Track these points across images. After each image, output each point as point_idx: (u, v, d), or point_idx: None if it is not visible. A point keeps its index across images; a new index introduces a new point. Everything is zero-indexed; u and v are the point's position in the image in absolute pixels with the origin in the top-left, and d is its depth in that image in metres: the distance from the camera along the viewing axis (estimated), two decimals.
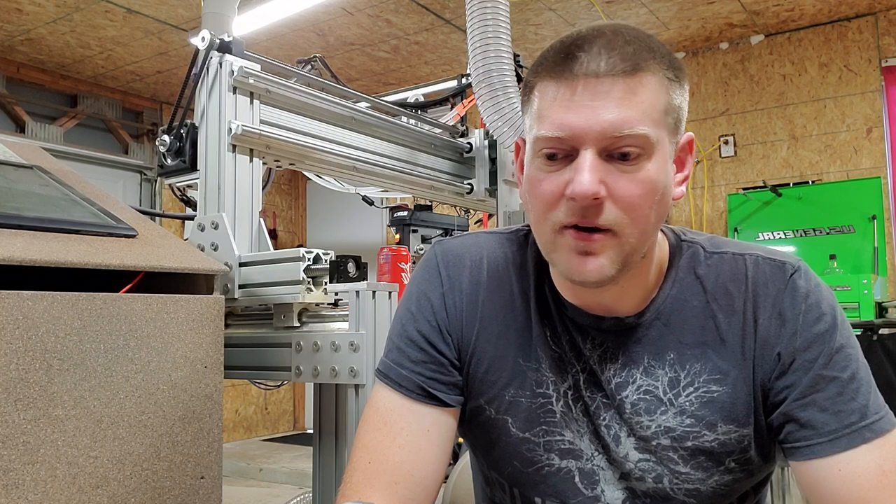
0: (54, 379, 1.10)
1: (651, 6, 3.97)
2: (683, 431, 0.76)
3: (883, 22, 4.00)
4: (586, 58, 0.69)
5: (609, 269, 0.71)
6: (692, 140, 0.77)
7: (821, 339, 0.74)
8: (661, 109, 0.70)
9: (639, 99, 0.68)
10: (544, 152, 0.71)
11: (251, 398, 5.99)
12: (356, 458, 0.80)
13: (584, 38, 0.70)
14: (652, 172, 0.70)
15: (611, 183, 0.69)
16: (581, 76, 0.69)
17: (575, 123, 0.68)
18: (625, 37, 0.70)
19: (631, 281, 0.77)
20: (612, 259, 0.71)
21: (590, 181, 0.67)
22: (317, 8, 3.92)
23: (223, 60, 1.67)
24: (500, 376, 0.82)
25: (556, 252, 0.73)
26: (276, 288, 1.57)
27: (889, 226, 3.87)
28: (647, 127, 0.68)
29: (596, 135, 0.68)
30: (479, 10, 1.90)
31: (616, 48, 0.69)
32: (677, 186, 0.76)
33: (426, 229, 2.75)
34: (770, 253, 0.80)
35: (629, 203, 0.69)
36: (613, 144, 0.68)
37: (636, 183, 0.69)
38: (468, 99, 2.43)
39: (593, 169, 0.68)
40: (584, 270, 0.71)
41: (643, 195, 0.69)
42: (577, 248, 0.71)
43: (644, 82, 0.69)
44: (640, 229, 0.71)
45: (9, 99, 4.68)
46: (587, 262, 0.71)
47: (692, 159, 0.78)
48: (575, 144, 0.69)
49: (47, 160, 1.56)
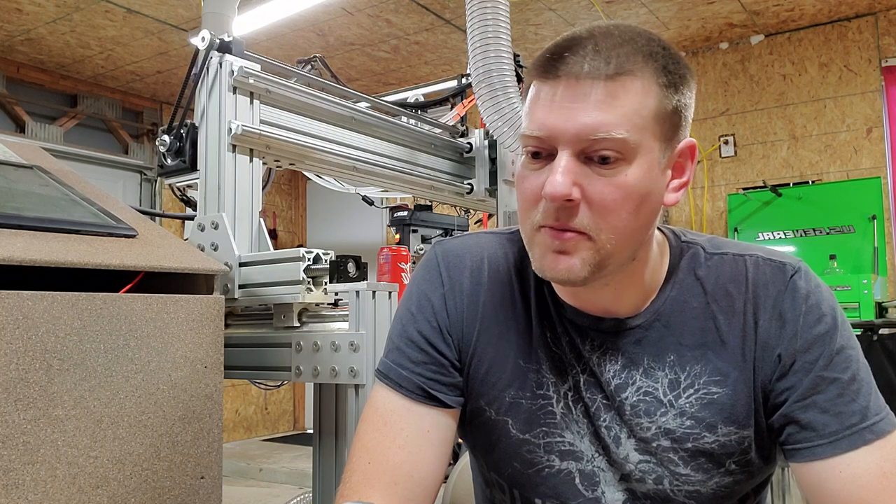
0: (54, 379, 1.10)
1: (651, 6, 3.97)
2: (683, 433, 0.76)
3: (883, 22, 4.00)
4: (572, 59, 0.69)
5: (580, 270, 0.70)
6: (694, 146, 0.75)
7: (821, 340, 0.74)
8: (647, 115, 0.69)
9: (619, 103, 0.68)
10: (528, 150, 0.72)
11: (251, 398, 5.99)
12: (355, 458, 0.80)
13: (574, 39, 0.70)
14: (631, 178, 0.69)
15: (586, 186, 0.69)
16: (563, 77, 0.69)
17: (553, 124, 0.69)
18: (616, 39, 0.69)
19: (625, 282, 0.77)
20: (584, 260, 0.70)
21: (562, 183, 0.67)
22: (317, 8, 3.93)
23: (223, 60, 1.67)
24: (500, 377, 0.82)
25: (532, 249, 0.74)
26: (276, 288, 1.57)
27: (889, 226, 3.87)
28: (626, 131, 0.67)
29: (571, 136, 0.68)
30: (479, 10, 1.90)
31: (603, 51, 0.68)
32: (672, 192, 0.74)
33: (426, 229, 2.75)
34: (770, 254, 0.80)
35: (603, 207, 0.69)
36: (590, 147, 0.68)
37: (612, 187, 0.68)
38: (468, 99, 2.43)
39: (567, 171, 0.68)
40: (555, 268, 0.71)
41: (619, 200, 0.69)
42: (551, 247, 0.71)
43: (627, 86, 0.68)
44: (618, 234, 0.70)
45: (9, 99, 4.68)
46: (559, 261, 0.71)
47: (693, 165, 0.76)
48: (553, 144, 0.70)
49: (47, 160, 1.56)
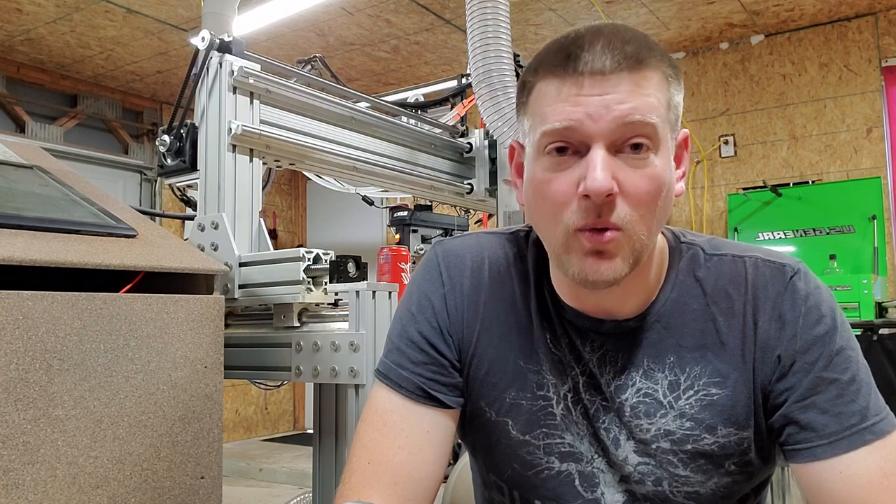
0: (54, 379, 1.10)
1: (651, 6, 3.97)
2: (683, 434, 0.76)
3: (883, 22, 4.00)
4: (590, 56, 0.69)
5: (622, 268, 0.70)
6: (688, 137, 0.78)
7: (821, 341, 0.73)
8: (665, 104, 0.71)
9: (645, 92, 0.69)
10: (554, 146, 0.70)
11: (251, 398, 5.99)
12: (355, 458, 0.79)
13: (583, 37, 0.70)
14: (658, 167, 0.70)
15: (622, 179, 0.69)
16: (587, 74, 0.68)
17: (583, 115, 0.68)
18: (624, 36, 0.70)
19: (632, 282, 0.77)
20: (624, 258, 0.70)
21: (604, 177, 0.67)
22: (317, 8, 3.93)
23: (223, 60, 1.67)
24: (500, 378, 0.82)
25: (567, 254, 0.72)
26: (276, 288, 1.57)
27: (889, 226, 3.87)
28: (656, 117, 0.69)
29: (606, 125, 0.68)
30: (479, 10, 1.90)
31: (618, 46, 0.69)
32: (677, 182, 0.76)
33: (426, 229, 2.75)
34: (770, 255, 0.80)
35: (639, 199, 0.69)
36: (625, 135, 0.68)
37: (646, 178, 0.69)
38: (468, 99, 2.43)
39: (606, 164, 0.68)
40: (598, 271, 0.70)
41: (652, 191, 0.69)
42: (591, 250, 0.70)
43: (648, 77, 0.70)
44: (647, 226, 0.71)
45: (9, 99, 4.68)
46: (601, 264, 0.70)
47: (688, 155, 0.79)
48: (584, 139, 0.69)
49: (47, 160, 1.57)
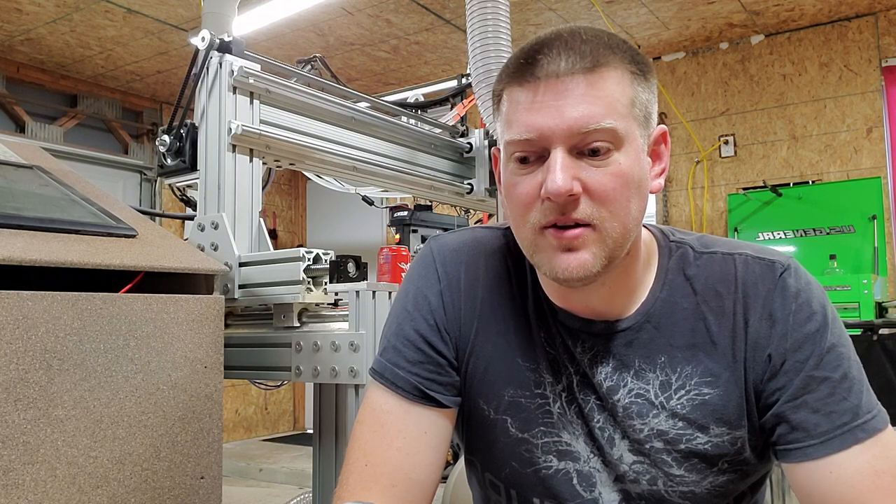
0: (54, 379, 1.10)
1: (651, 6, 3.97)
2: (676, 434, 0.76)
3: (883, 22, 4.00)
4: (546, 60, 0.70)
5: (593, 264, 0.71)
6: (665, 132, 0.78)
7: (811, 339, 0.73)
8: (627, 102, 0.71)
9: (602, 94, 0.69)
10: (516, 156, 0.72)
11: (251, 398, 5.99)
12: (352, 459, 0.79)
13: (542, 41, 0.72)
14: (624, 165, 0.70)
15: (584, 178, 0.69)
16: (542, 78, 0.70)
17: (541, 123, 0.69)
18: (582, 36, 0.71)
19: (618, 282, 0.77)
20: (594, 254, 0.71)
21: (562, 179, 0.68)
22: (317, 8, 3.93)
23: (223, 60, 1.67)
24: (499, 375, 0.82)
25: (538, 253, 0.73)
26: (276, 288, 1.57)
27: (889, 226, 3.87)
28: (613, 120, 0.69)
29: (563, 132, 0.69)
30: (479, 10, 1.90)
31: (574, 47, 0.70)
32: (654, 179, 0.76)
33: (426, 229, 2.75)
34: (760, 252, 0.79)
35: (604, 196, 0.70)
36: (582, 141, 0.69)
37: (609, 176, 0.70)
38: (468, 99, 2.43)
39: (564, 167, 0.69)
40: (568, 267, 0.71)
41: (618, 188, 0.70)
42: (559, 247, 0.71)
43: (605, 76, 0.70)
44: (621, 222, 0.71)
45: (9, 99, 4.68)
46: (570, 259, 0.71)
47: (668, 151, 0.79)
48: (544, 144, 0.70)
49: (47, 160, 1.57)
